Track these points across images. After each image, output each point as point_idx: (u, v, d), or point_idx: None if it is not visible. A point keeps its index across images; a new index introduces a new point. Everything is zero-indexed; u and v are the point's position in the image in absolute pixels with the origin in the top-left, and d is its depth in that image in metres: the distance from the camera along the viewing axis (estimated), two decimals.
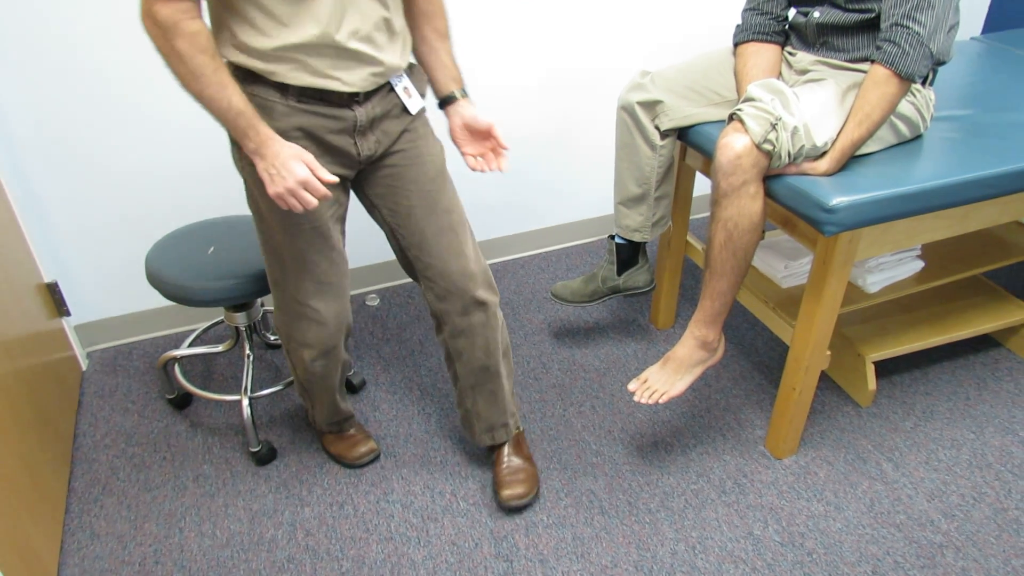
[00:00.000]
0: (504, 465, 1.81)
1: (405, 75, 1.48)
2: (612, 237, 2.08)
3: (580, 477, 1.87)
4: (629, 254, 2.08)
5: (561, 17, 2.34)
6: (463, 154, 1.58)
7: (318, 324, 1.61)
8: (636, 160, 1.91)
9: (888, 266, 2.00)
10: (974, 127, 1.76)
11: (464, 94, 1.55)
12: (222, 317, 2.28)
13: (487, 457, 1.91)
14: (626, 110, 1.86)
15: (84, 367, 2.24)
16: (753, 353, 2.26)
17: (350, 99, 1.40)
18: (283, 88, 1.35)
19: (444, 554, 1.69)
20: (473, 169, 1.58)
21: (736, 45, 1.80)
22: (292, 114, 1.37)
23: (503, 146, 1.56)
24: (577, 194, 2.73)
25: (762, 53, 1.74)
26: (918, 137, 1.71)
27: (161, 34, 1.25)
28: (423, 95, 1.53)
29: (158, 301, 2.33)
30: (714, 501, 1.80)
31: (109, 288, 2.25)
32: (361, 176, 1.56)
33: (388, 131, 1.48)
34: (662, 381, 1.74)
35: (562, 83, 2.47)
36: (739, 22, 1.79)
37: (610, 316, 2.42)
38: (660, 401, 1.72)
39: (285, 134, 1.37)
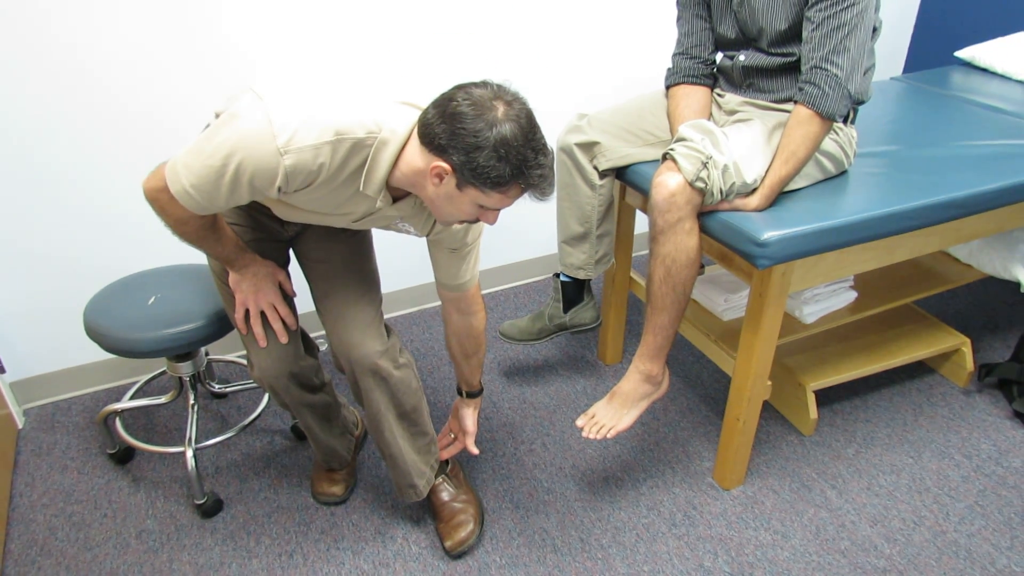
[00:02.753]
0: (441, 514, 1.79)
1: None
2: (557, 275, 2.11)
3: (532, 515, 1.87)
4: (574, 292, 2.11)
5: (499, 62, 2.40)
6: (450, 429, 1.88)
7: (260, 353, 1.61)
8: (577, 200, 1.95)
9: (823, 297, 2.06)
10: (897, 162, 1.84)
11: (469, 395, 1.82)
12: (164, 368, 2.24)
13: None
14: (565, 151, 1.91)
15: (20, 425, 2.17)
16: (699, 386, 2.30)
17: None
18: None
19: None
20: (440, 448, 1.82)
21: (668, 88, 1.86)
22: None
23: (470, 449, 1.83)
24: (522, 234, 2.77)
25: (693, 95, 1.81)
26: (843, 173, 1.79)
27: (169, 218, 1.38)
28: None
29: (96, 355, 2.28)
30: (665, 534, 1.81)
31: (45, 343, 2.19)
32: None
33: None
34: (609, 416, 1.76)
35: None
36: (670, 65, 1.86)
37: (559, 353, 2.45)
38: (608, 436, 1.74)
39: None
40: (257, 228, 1.60)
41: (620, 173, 1.92)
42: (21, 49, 1.82)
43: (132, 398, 2.13)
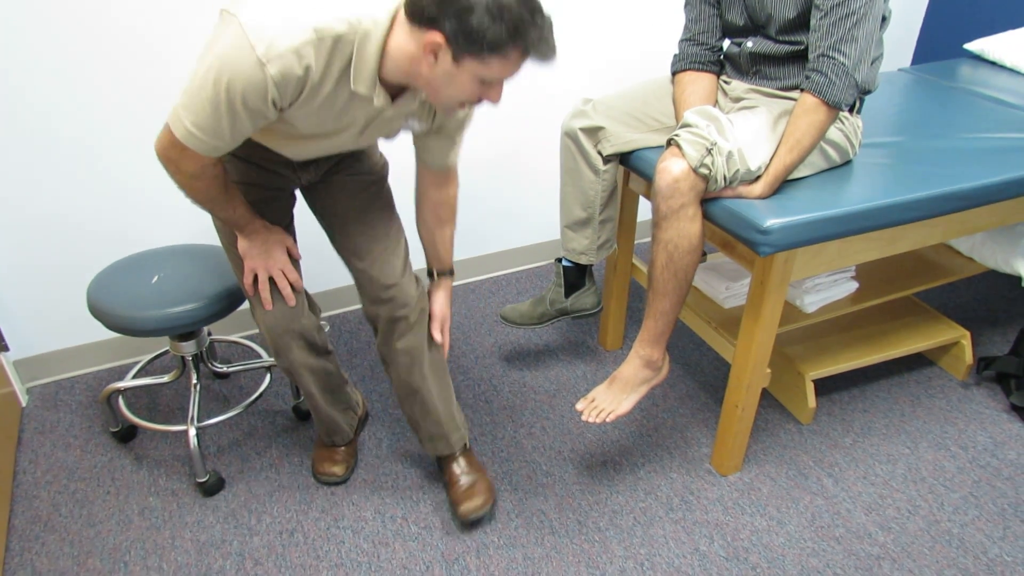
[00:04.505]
0: (457, 483, 1.81)
1: None
2: (559, 260, 2.12)
3: (531, 498, 1.88)
4: (576, 277, 2.12)
5: None
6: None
7: (266, 312, 1.60)
8: (580, 185, 1.96)
9: (824, 287, 2.07)
10: (902, 153, 1.84)
11: (440, 274, 1.75)
12: (167, 348, 2.25)
13: (439, 477, 1.92)
14: (569, 136, 1.91)
15: (24, 403, 2.18)
16: (699, 373, 2.31)
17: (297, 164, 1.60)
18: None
19: None
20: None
21: (674, 74, 1.86)
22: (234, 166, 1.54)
23: (435, 336, 1.73)
24: (524, 219, 2.77)
25: (699, 81, 1.80)
26: (848, 163, 1.79)
27: (183, 176, 1.36)
28: None
29: (100, 334, 2.29)
30: (662, 518, 1.83)
31: (49, 322, 2.20)
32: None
33: (329, 160, 1.63)
34: (608, 400, 1.77)
35: (507, 110, 2.52)
36: (676, 52, 1.86)
37: (559, 338, 2.46)
38: (608, 420, 1.76)
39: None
40: (268, 186, 1.59)
41: (624, 159, 1.93)
42: (31, 14, 1.82)
43: (135, 377, 2.14)
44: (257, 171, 1.57)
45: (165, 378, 1.99)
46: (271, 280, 1.57)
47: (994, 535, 1.79)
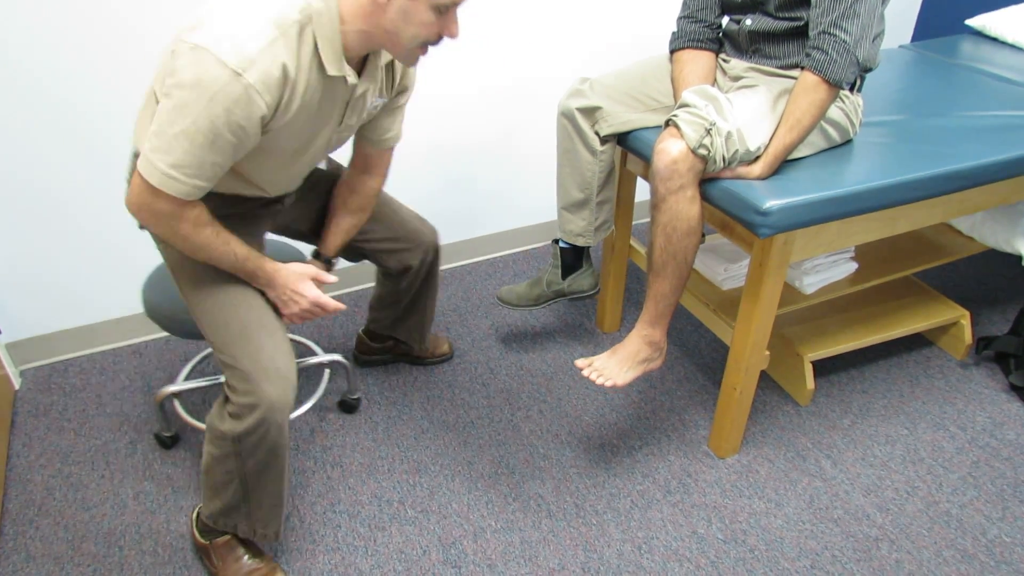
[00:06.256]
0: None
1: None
2: (556, 242, 2.10)
3: (528, 481, 1.87)
4: (573, 258, 2.10)
5: (500, 25, 2.36)
6: None
7: (269, 377, 1.41)
8: (577, 165, 1.93)
9: (823, 268, 2.05)
10: (903, 132, 1.82)
11: (316, 257, 1.71)
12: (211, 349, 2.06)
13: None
14: (566, 116, 1.88)
15: (17, 386, 2.17)
16: (697, 355, 2.30)
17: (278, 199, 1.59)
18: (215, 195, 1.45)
19: (392, 563, 1.68)
20: None
21: (672, 52, 1.83)
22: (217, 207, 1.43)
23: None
24: (521, 200, 2.74)
25: (697, 60, 1.77)
26: (848, 142, 1.77)
27: (163, 225, 1.29)
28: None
29: (92, 317, 2.27)
30: (659, 501, 1.82)
31: (41, 304, 2.18)
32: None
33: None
34: (609, 368, 1.75)
35: (503, 91, 2.48)
36: (674, 29, 1.83)
37: (556, 320, 2.44)
38: (605, 385, 1.73)
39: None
40: (252, 233, 1.54)
41: (622, 139, 1.90)
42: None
43: (188, 379, 2.10)
44: (236, 222, 1.46)
45: (223, 377, 1.93)
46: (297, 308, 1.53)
47: (993, 516, 1.79)
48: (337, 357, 2.03)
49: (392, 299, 2.01)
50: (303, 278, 1.50)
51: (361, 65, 1.36)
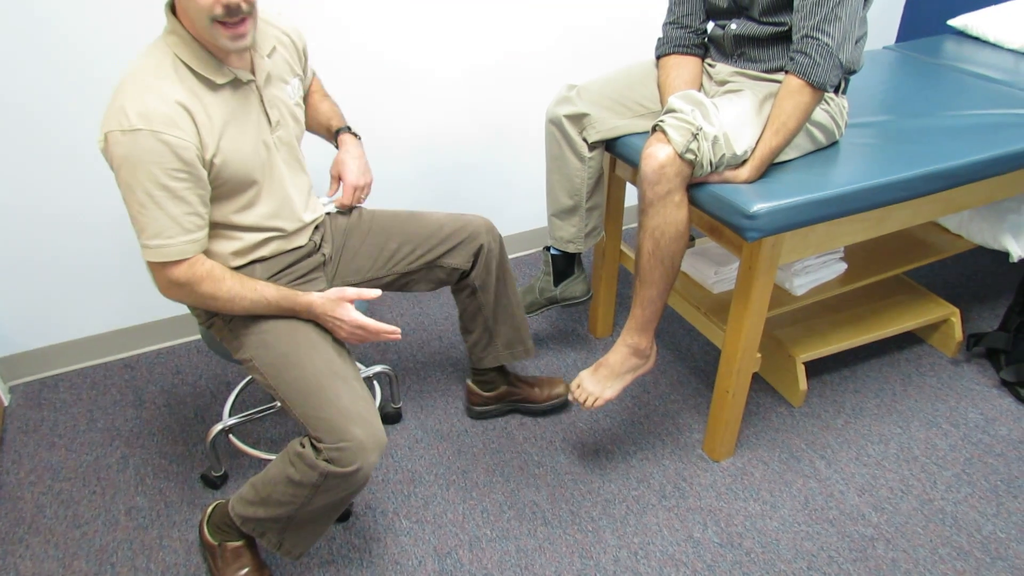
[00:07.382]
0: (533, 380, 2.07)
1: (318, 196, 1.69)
2: (547, 249, 2.10)
3: (523, 489, 1.87)
4: (564, 265, 2.10)
5: (486, 34, 2.36)
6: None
7: (366, 422, 1.40)
8: (566, 172, 1.93)
9: (813, 269, 2.06)
10: (888, 133, 1.83)
11: (339, 132, 1.73)
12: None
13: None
14: (554, 123, 1.89)
15: (6, 402, 2.15)
16: (689, 358, 2.30)
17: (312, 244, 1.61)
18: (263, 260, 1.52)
19: (387, 574, 1.67)
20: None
21: (658, 58, 1.84)
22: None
23: (343, 202, 1.72)
24: (511, 208, 2.75)
25: (683, 65, 1.78)
26: (834, 144, 1.77)
27: (188, 292, 1.38)
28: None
29: (82, 331, 2.26)
30: (655, 506, 1.82)
31: (31, 319, 2.17)
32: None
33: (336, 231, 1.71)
34: (594, 386, 1.75)
35: (491, 100, 2.49)
36: (660, 35, 1.83)
37: (549, 327, 2.44)
38: (594, 406, 1.74)
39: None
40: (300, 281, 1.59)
41: (610, 145, 1.90)
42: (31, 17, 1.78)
43: (232, 413, 2.01)
44: (288, 276, 1.57)
45: (277, 405, 1.89)
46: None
47: (987, 512, 1.79)
48: (380, 368, 2.06)
49: (475, 308, 1.86)
50: (339, 303, 1.47)
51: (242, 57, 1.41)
